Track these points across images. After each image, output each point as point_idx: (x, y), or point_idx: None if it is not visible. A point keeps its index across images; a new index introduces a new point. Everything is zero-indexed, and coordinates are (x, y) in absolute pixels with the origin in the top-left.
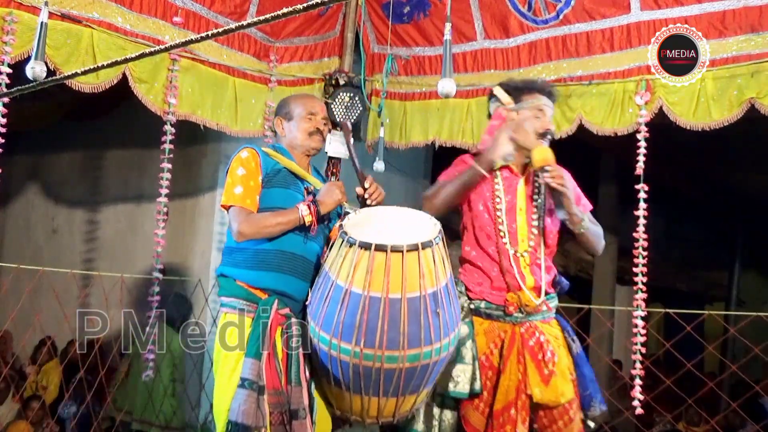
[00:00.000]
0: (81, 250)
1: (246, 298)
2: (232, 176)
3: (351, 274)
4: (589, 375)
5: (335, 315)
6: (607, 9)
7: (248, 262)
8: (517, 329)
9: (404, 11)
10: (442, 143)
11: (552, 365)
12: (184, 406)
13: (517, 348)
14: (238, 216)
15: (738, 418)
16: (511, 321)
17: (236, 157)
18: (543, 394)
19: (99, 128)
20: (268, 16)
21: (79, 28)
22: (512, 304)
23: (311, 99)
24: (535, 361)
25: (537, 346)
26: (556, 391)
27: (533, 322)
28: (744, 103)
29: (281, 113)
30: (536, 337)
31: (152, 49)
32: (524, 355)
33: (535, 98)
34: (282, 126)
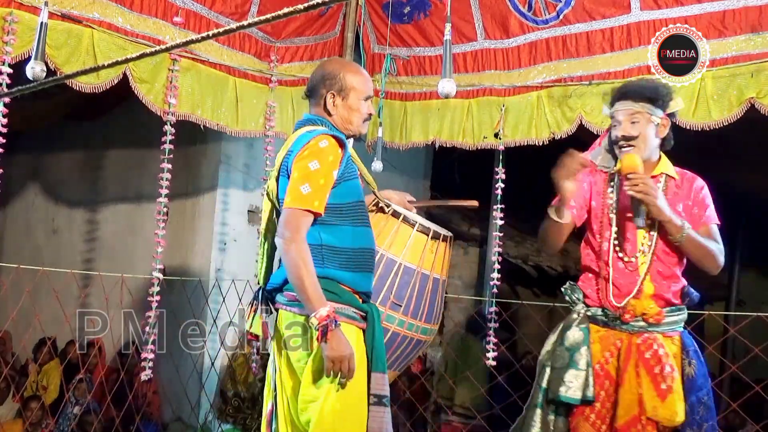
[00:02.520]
0: (81, 250)
1: (353, 304)
2: (302, 169)
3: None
4: (698, 401)
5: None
6: (607, 9)
7: (348, 263)
8: (634, 339)
9: (404, 11)
10: (442, 143)
11: (671, 380)
12: (184, 406)
13: (634, 360)
14: (298, 224)
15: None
16: (627, 330)
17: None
18: (657, 411)
19: (99, 128)
20: (268, 16)
21: (80, 28)
22: (629, 312)
23: (368, 79)
24: (650, 375)
25: (654, 359)
26: (672, 409)
27: (653, 334)
28: (744, 102)
29: (333, 87)
30: (653, 350)
31: (153, 49)
32: (640, 368)
33: (614, 106)
34: (334, 102)
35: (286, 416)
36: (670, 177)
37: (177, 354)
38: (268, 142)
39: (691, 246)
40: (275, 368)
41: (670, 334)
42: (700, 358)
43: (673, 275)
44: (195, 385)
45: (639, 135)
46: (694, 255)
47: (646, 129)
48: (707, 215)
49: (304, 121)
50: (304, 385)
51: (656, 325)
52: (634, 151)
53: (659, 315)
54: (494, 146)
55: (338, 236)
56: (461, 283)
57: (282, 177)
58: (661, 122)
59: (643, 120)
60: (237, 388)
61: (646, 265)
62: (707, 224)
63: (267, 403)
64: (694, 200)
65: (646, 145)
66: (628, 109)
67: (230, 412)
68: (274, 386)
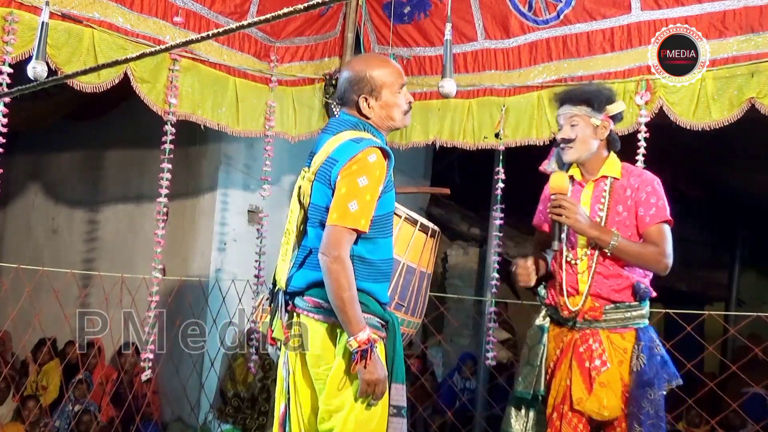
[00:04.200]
0: (81, 250)
1: (378, 313)
2: (350, 185)
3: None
4: (644, 395)
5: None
6: (607, 9)
7: (374, 274)
8: (575, 335)
9: (405, 11)
10: (442, 143)
11: (596, 374)
12: (183, 406)
13: (570, 354)
14: (343, 243)
15: (738, 418)
16: (573, 327)
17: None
18: (583, 404)
19: (99, 128)
20: (268, 16)
21: (80, 28)
22: (565, 308)
23: (396, 68)
24: (581, 368)
25: (587, 353)
26: (599, 403)
27: (596, 330)
28: (744, 102)
29: (363, 91)
30: (588, 344)
31: (153, 49)
32: (572, 361)
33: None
34: (369, 105)
35: (299, 419)
36: (614, 179)
37: (177, 354)
38: (268, 142)
39: (624, 255)
40: (289, 370)
41: (619, 330)
42: (655, 355)
43: (617, 275)
44: (195, 385)
45: (576, 137)
46: (630, 261)
47: (584, 131)
48: (652, 215)
49: (343, 122)
50: (327, 394)
51: (597, 322)
52: (572, 153)
53: (594, 310)
54: (494, 146)
55: (369, 248)
56: (461, 283)
57: (321, 184)
58: (600, 124)
59: (582, 123)
60: (237, 388)
61: (587, 266)
62: (652, 224)
63: (279, 405)
64: (637, 201)
65: (585, 146)
66: (567, 113)
67: (230, 412)
68: (287, 389)
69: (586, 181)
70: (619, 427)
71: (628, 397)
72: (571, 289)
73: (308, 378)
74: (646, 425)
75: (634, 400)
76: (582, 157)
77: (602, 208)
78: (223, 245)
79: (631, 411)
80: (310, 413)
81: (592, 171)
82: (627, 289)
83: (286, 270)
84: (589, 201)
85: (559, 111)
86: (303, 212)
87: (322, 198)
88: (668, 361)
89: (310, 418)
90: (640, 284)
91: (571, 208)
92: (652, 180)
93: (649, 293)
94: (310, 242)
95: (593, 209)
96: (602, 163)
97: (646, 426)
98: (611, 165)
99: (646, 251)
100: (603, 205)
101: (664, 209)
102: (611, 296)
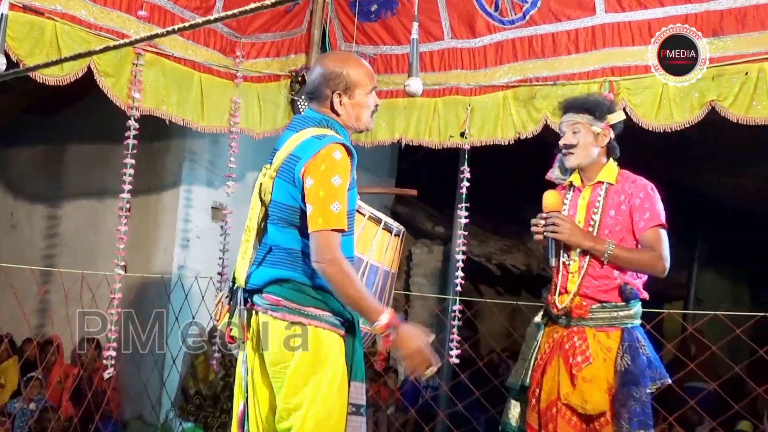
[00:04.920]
0: (41, 246)
1: (337, 311)
2: (326, 187)
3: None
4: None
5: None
6: (572, 10)
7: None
8: (563, 333)
9: (371, 9)
10: (408, 142)
11: (576, 370)
12: (144, 404)
13: (558, 350)
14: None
15: (696, 415)
16: (563, 324)
17: (330, 160)
18: (569, 398)
19: (60, 122)
20: (234, 11)
21: (42, 20)
22: (554, 307)
23: (370, 70)
24: (566, 364)
25: (572, 349)
26: (581, 397)
27: (582, 328)
28: (705, 105)
29: (338, 87)
30: (573, 341)
31: (117, 43)
32: (559, 358)
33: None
34: (341, 102)
35: (258, 418)
36: (610, 184)
37: (138, 351)
38: (233, 139)
39: (619, 262)
40: (247, 368)
41: (605, 328)
42: (640, 355)
43: (606, 276)
44: (156, 383)
45: (578, 143)
46: (627, 267)
47: (585, 138)
48: (647, 219)
49: (307, 120)
50: (286, 392)
51: (584, 320)
52: (573, 159)
53: (580, 309)
54: (460, 145)
55: None
56: (426, 281)
57: (283, 181)
58: (601, 132)
59: (583, 130)
60: (199, 386)
61: (578, 267)
62: (647, 229)
63: (238, 404)
64: (632, 206)
65: (585, 152)
66: (570, 120)
67: (191, 410)
68: (245, 387)
69: (584, 186)
70: (598, 421)
71: (614, 396)
72: (562, 288)
73: (267, 376)
74: (633, 423)
75: (620, 398)
76: (583, 163)
77: (597, 212)
78: (186, 242)
79: (618, 409)
80: (268, 412)
81: (591, 177)
82: (614, 290)
83: (245, 267)
84: (585, 205)
85: (562, 118)
86: (264, 209)
87: (284, 195)
88: (654, 361)
89: (268, 416)
90: (627, 285)
91: (563, 224)
92: (646, 186)
93: (636, 294)
94: (270, 240)
95: (589, 213)
96: (599, 170)
97: (634, 423)
98: (608, 171)
99: (641, 256)
100: (597, 210)
101: (658, 214)
102: (598, 296)
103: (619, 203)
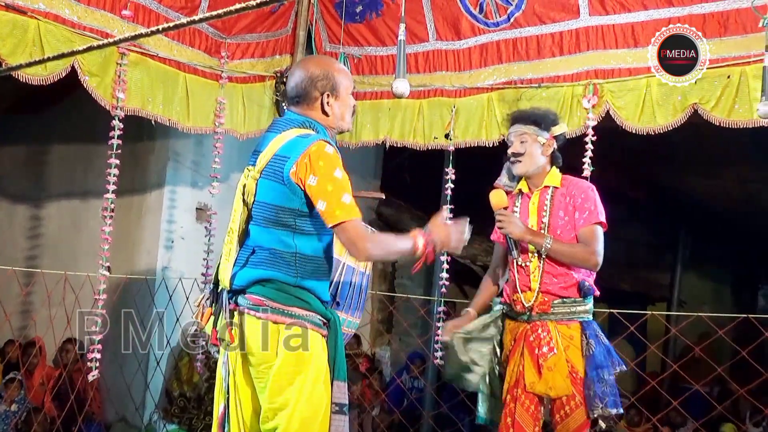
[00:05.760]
0: (23, 247)
1: (320, 311)
2: (332, 181)
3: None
4: (597, 377)
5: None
6: (557, 13)
7: (316, 272)
8: (526, 327)
9: (357, 10)
10: (393, 143)
11: (543, 360)
12: (128, 406)
13: (522, 343)
14: (363, 231)
15: (679, 416)
16: (525, 320)
17: (325, 155)
18: (534, 386)
19: (43, 122)
20: (219, 11)
21: (25, 19)
22: (518, 303)
23: (347, 70)
24: (531, 355)
25: (536, 341)
26: (546, 384)
27: (545, 322)
28: (687, 108)
29: (327, 88)
30: (537, 333)
31: (100, 42)
32: (524, 349)
33: (509, 129)
34: (329, 102)
35: (239, 419)
36: (555, 188)
37: (121, 353)
38: (218, 139)
39: (558, 255)
40: (228, 370)
41: (565, 322)
42: (600, 341)
43: (564, 273)
44: (140, 385)
45: (525, 152)
46: (564, 260)
47: (532, 147)
48: (585, 218)
49: (289, 121)
50: (271, 392)
51: (546, 315)
52: (521, 166)
53: (543, 305)
54: (444, 147)
55: (310, 245)
56: (410, 283)
57: (269, 180)
58: (546, 142)
59: (530, 140)
60: (183, 387)
61: (536, 266)
62: (585, 226)
63: (219, 405)
64: (575, 206)
65: (532, 160)
66: (518, 131)
67: (176, 412)
68: (226, 388)
69: (532, 192)
70: (567, 405)
71: (584, 380)
72: (524, 286)
73: (249, 377)
74: (605, 402)
75: (590, 382)
76: (530, 171)
77: (545, 215)
78: (170, 243)
79: (589, 393)
80: (250, 413)
81: (537, 183)
82: (573, 287)
83: (229, 269)
84: (535, 209)
85: (510, 129)
86: (247, 211)
87: (270, 195)
88: (611, 350)
89: (250, 418)
90: (585, 282)
91: (506, 219)
92: (588, 188)
93: (592, 291)
94: (253, 241)
95: (539, 216)
96: (545, 176)
97: (609, 403)
98: (553, 177)
99: (576, 251)
100: (546, 212)
101: (596, 213)
102: (559, 292)
103: (566, 204)
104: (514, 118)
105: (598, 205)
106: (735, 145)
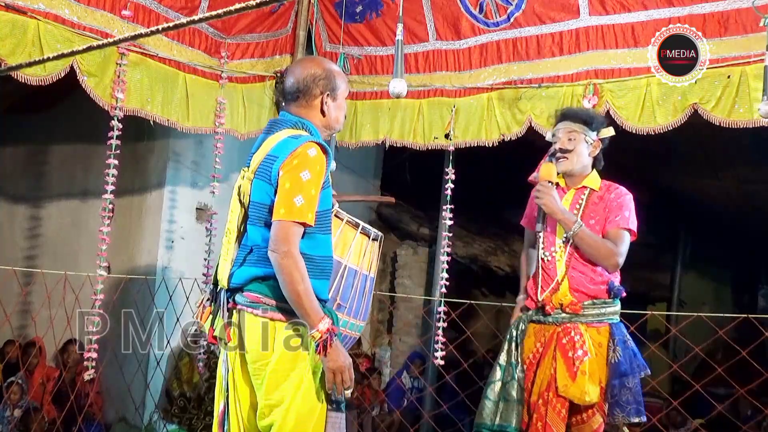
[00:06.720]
0: (23, 247)
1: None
2: (293, 180)
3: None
4: (621, 385)
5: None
6: (557, 13)
7: (315, 271)
8: (557, 329)
9: (357, 10)
10: (392, 143)
11: (579, 363)
12: (128, 406)
13: (553, 345)
14: (293, 238)
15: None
16: (554, 322)
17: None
18: (568, 389)
19: (43, 122)
20: (219, 11)
21: (25, 19)
22: (548, 303)
23: (344, 75)
24: (564, 357)
25: (570, 344)
26: (581, 389)
27: (576, 324)
28: (687, 108)
29: (327, 89)
30: (570, 336)
31: (100, 43)
32: (556, 352)
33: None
34: (327, 103)
35: (238, 417)
36: (593, 190)
37: (121, 353)
38: (218, 140)
39: (583, 243)
40: (228, 368)
41: (595, 324)
42: (628, 348)
43: (588, 270)
44: (140, 385)
45: (573, 149)
46: (587, 251)
47: (579, 145)
48: (617, 220)
49: (283, 122)
50: (267, 388)
51: (576, 316)
52: (567, 163)
53: (574, 305)
54: (444, 147)
55: (309, 244)
56: (411, 283)
57: (261, 181)
58: (594, 143)
59: (578, 138)
60: (183, 387)
61: (563, 260)
62: (614, 227)
63: (219, 403)
64: (610, 207)
65: (578, 158)
66: (567, 128)
67: (176, 412)
68: (226, 386)
69: (568, 188)
70: (590, 409)
71: (606, 388)
72: (550, 280)
73: (247, 375)
74: (626, 410)
75: (613, 389)
76: (575, 169)
77: (577, 213)
78: (170, 243)
79: (612, 400)
80: (249, 410)
81: (576, 182)
82: (602, 284)
83: (227, 269)
84: (568, 206)
85: (558, 125)
86: (243, 211)
87: (263, 195)
88: (638, 353)
89: (249, 415)
90: (614, 283)
91: (544, 191)
92: (626, 194)
93: (621, 291)
94: (251, 241)
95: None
96: (585, 176)
97: (627, 411)
98: (592, 179)
99: (601, 244)
100: (578, 212)
101: (628, 220)
102: (588, 290)
103: (600, 209)
104: (563, 114)
105: (632, 213)
106: (735, 145)
